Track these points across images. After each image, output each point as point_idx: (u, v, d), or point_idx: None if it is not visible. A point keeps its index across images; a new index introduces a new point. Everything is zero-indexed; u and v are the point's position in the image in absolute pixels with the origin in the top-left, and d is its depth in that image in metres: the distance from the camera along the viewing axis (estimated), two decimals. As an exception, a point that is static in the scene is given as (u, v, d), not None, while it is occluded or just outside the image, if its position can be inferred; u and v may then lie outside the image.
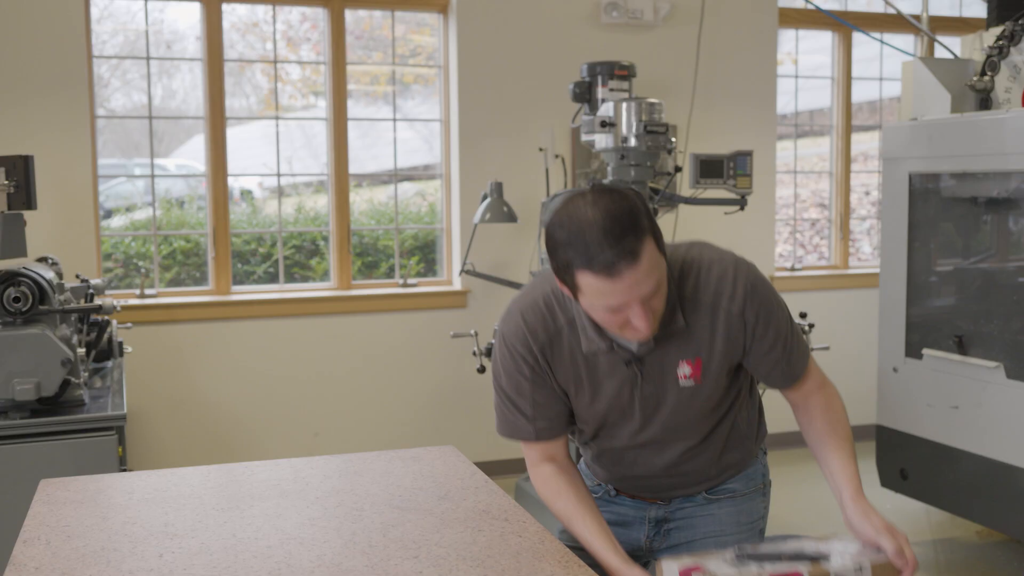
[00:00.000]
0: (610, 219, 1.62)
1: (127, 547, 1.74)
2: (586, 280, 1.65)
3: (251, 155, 5.09)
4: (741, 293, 1.81)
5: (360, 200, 5.21)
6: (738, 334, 1.83)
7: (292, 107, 5.19)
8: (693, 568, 1.60)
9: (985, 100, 4.11)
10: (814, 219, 6.12)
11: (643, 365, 1.85)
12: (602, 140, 4.08)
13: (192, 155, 5.20)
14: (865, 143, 6.19)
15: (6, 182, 3.01)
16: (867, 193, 6.24)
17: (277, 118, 5.06)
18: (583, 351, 1.85)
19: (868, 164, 6.20)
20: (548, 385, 1.89)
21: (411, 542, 1.76)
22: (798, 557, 1.62)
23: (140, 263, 4.87)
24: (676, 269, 1.83)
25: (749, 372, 1.94)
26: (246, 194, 5.28)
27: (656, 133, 4.07)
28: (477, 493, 2.04)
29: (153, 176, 4.91)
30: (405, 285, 5.13)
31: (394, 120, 5.21)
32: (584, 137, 4.17)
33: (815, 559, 1.62)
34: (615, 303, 1.66)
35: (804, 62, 5.96)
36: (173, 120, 4.98)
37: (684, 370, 1.84)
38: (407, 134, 5.29)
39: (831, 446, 1.86)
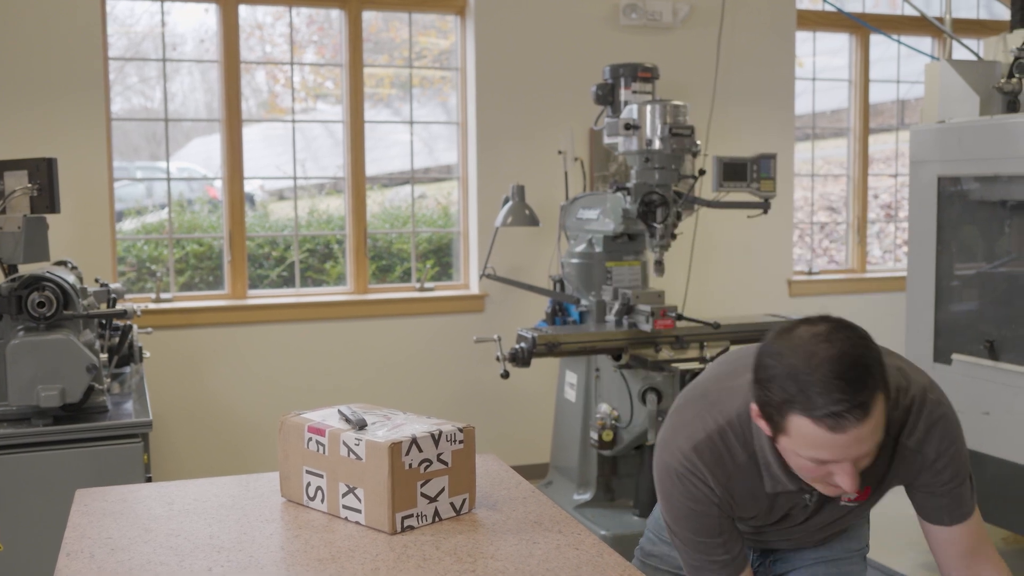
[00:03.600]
0: (846, 364, 1.47)
1: (174, 560, 1.68)
2: (801, 425, 1.49)
3: (252, 158, 5.02)
4: (923, 427, 1.69)
5: (371, 203, 5.16)
6: (912, 467, 1.74)
7: (290, 111, 5.13)
8: None
9: (1013, 102, 4.06)
10: (823, 222, 6.07)
11: (815, 501, 1.80)
12: (626, 143, 4.03)
13: (192, 158, 5.15)
14: (873, 145, 6.14)
15: (29, 185, 2.96)
16: (876, 196, 6.19)
17: (293, 121, 5.01)
18: (767, 490, 1.73)
19: (875, 167, 6.15)
20: (731, 521, 1.78)
21: (466, 555, 1.71)
22: None
23: (154, 267, 4.82)
24: None
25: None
26: (247, 197, 5.22)
27: (681, 136, 4.03)
28: (526, 504, 1.99)
29: (169, 179, 4.86)
30: (422, 289, 5.07)
31: (411, 123, 5.16)
32: (607, 140, 4.13)
33: None
34: (827, 457, 1.51)
35: (817, 64, 5.92)
36: (174, 123, 4.91)
37: (851, 495, 1.78)
38: (410, 137, 5.22)
39: None
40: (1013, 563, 4.09)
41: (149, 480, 2.95)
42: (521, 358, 4.05)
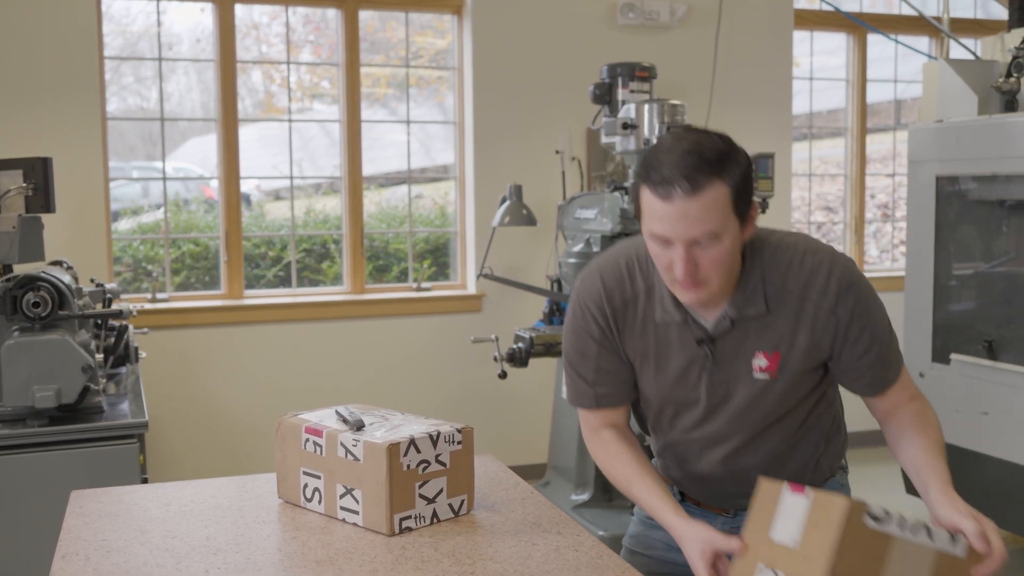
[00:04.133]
0: (689, 145, 1.57)
1: (170, 563, 1.67)
2: (644, 198, 1.61)
3: (247, 158, 4.99)
4: (835, 289, 1.69)
5: (368, 203, 5.15)
6: (826, 333, 1.71)
7: (286, 110, 5.11)
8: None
9: (1011, 102, 4.06)
10: (820, 222, 6.07)
11: (715, 348, 1.74)
12: (623, 142, 4.02)
13: (188, 158, 5.13)
14: (869, 146, 6.13)
15: (24, 184, 2.94)
16: (872, 196, 6.18)
17: (290, 120, 4.99)
18: (656, 320, 1.76)
19: (873, 167, 6.15)
20: (615, 351, 1.80)
21: (464, 556, 1.70)
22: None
23: (150, 267, 4.80)
24: (768, 252, 1.71)
25: (832, 378, 1.83)
26: (243, 197, 5.21)
27: (679, 135, 4.01)
28: (525, 504, 1.97)
29: (165, 179, 4.84)
30: (419, 289, 5.06)
31: (408, 122, 5.14)
32: (605, 139, 4.12)
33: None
34: (661, 231, 1.59)
35: (815, 63, 5.91)
36: (170, 123, 4.89)
37: (760, 362, 1.72)
38: (406, 137, 5.21)
39: (919, 445, 1.75)
40: (1013, 563, 4.09)
41: (145, 481, 2.94)
42: (519, 358, 4.04)
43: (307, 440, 1.91)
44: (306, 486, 1.93)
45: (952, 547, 1.42)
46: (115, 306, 3.29)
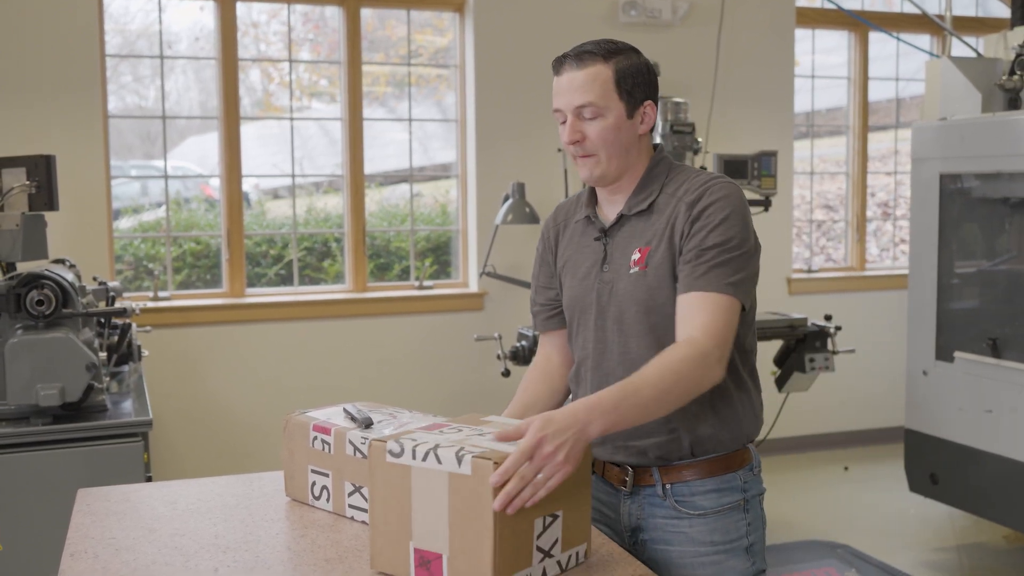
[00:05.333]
0: (590, 42, 1.82)
1: (179, 561, 1.66)
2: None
3: (247, 157, 4.98)
4: (699, 184, 1.81)
5: (370, 201, 5.14)
6: (678, 224, 1.80)
7: (285, 108, 5.11)
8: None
9: (1014, 99, 4.06)
10: (820, 220, 6.06)
11: (609, 245, 1.88)
12: (627, 140, 4.02)
13: (186, 156, 5.13)
14: (871, 144, 6.13)
15: (27, 182, 2.93)
16: (872, 195, 6.18)
17: (292, 118, 4.99)
18: (576, 217, 1.96)
19: (873, 165, 6.15)
20: (550, 265, 2.01)
21: (474, 555, 1.69)
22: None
23: (151, 265, 4.79)
24: (676, 170, 1.88)
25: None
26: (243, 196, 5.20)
27: (683, 133, 4.02)
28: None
29: (167, 177, 4.83)
30: (421, 287, 5.05)
31: (409, 120, 5.14)
32: (608, 137, 4.11)
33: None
34: (556, 104, 1.83)
35: (816, 62, 5.91)
36: (169, 121, 4.88)
37: (635, 256, 1.84)
38: (407, 135, 5.20)
39: (632, 376, 1.66)
40: (1015, 561, 4.10)
41: (149, 479, 2.93)
42: (523, 356, 4.04)
43: (315, 438, 1.90)
44: (314, 484, 1.92)
45: (458, 468, 1.48)
46: (118, 304, 3.28)
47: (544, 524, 1.55)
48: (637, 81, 1.82)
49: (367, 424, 1.87)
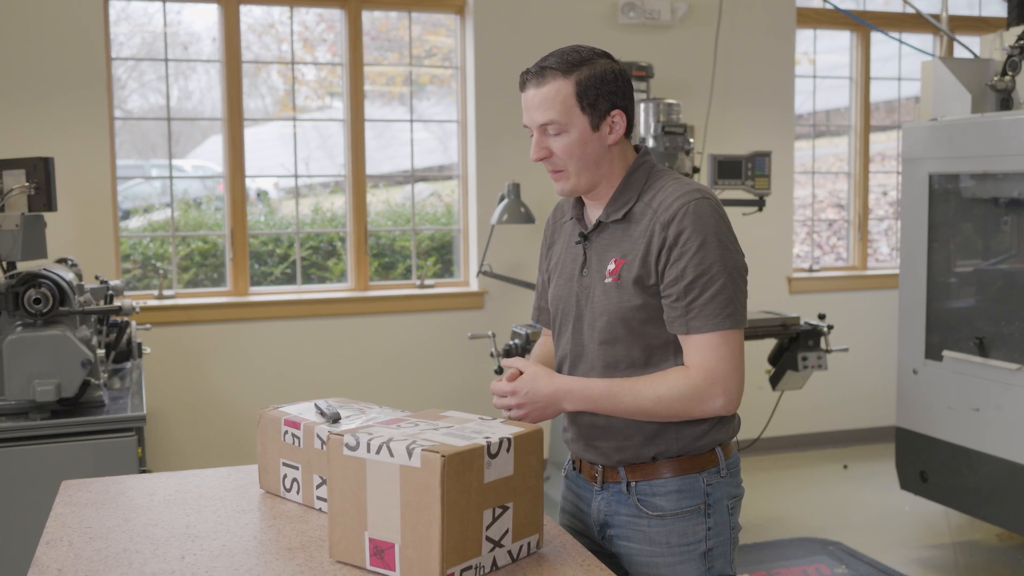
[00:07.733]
0: (553, 54, 1.82)
1: (149, 549, 1.74)
2: None
3: (268, 156, 5.10)
4: (676, 206, 1.79)
5: (376, 201, 5.22)
6: (653, 247, 1.80)
7: (308, 108, 5.21)
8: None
9: (1006, 100, 4.07)
10: (831, 219, 6.09)
11: (588, 249, 1.90)
12: (620, 141, 4.07)
13: (208, 156, 5.22)
14: (882, 143, 6.16)
15: (27, 184, 3.02)
16: (884, 194, 6.20)
17: (295, 119, 5.07)
18: (564, 219, 2.01)
19: (885, 164, 6.17)
20: (545, 265, 2.07)
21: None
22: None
23: (158, 264, 4.89)
24: (655, 177, 1.88)
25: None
26: (262, 195, 5.29)
27: (674, 134, 4.06)
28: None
29: (172, 177, 4.93)
30: (422, 286, 5.13)
31: (411, 121, 5.21)
32: (601, 138, 4.16)
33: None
34: (524, 121, 1.85)
35: (820, 62, 5.93)
36: (190, 121, 4.99)
37: (610, 266, 1.86)
38: (421, 135, 5.29)
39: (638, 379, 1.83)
40: (1007, 559, 4.12)
41: (144, 473, 3.01)
42: (516, 354, 4.10)
43: (286, 432, 1.97)
44: (285, 476, 1.99)
45: (409, 460, 1.55)
46: (116, 303, 3.36)
47: (494, 515, 1.61)
48: (601, 92, 1.81)
49: (335, 419, 1.94)
